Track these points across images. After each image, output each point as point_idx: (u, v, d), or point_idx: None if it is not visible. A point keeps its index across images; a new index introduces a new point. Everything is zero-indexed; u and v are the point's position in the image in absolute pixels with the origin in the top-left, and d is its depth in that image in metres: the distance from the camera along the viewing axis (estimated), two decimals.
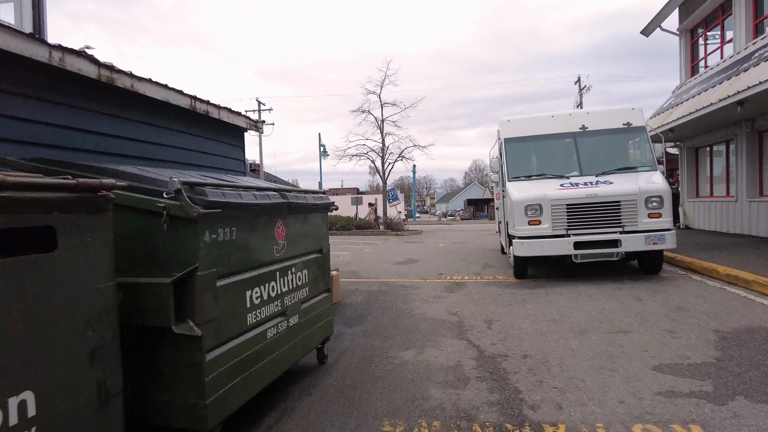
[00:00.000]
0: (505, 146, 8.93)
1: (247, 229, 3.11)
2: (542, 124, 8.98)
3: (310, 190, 4.19)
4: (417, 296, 7.29)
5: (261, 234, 3.29)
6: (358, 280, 8.95)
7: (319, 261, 4.27)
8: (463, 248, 15.11)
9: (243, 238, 3.05)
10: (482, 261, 11.36)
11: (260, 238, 3.27)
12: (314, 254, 4.18)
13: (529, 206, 7.69)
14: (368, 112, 23.99)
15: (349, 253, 14.20)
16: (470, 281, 8.50)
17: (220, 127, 6.06)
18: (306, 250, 4.01)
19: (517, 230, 7.83)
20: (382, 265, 11.21)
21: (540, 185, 8.15)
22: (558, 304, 6.33)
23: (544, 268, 9.24)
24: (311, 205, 3.97)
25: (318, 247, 4.26)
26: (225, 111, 5.93)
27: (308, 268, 4.01)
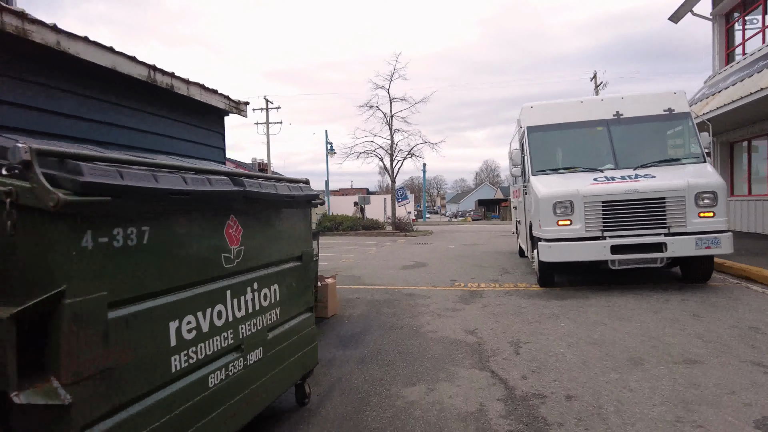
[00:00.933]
0: (528, 136, 7.84)
1: (172, 229, 2.09)
2: (570, 111, 7.88)
3: (285, 178, 3.16)
4: (426, 308, 6.24)
5: (198, 236, 2.27)
6: (360, 288, 7.92)
7: (298, 272, 3.25)
8: (476, 251, 14.01)
9: (164, 242, 2.03)
10: (499, 266, 10.26)
11: (197, 243, 2.26)
12: (290, 263, 3.15)
13: (558, 203, 6.60)
14: (376, 108, 22.99)
15: (353, 255, 13.19)
16: (488, 290, 7.43)
17: (191, 107, 5.07)
18: (277, 257, 2.98)
19: (543, 231, 6.74)
20: (388, 269, 10.16)
21: (570, 180, 7.05)
22: (596, 320, 5.24)
23: (571, 275, 8.13)
24: (284, 197, 2.94)
25: (295, 253, 3.24)
26: (196, 87, 4.93)
27: (280, 282, 2.98)
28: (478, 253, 13.40)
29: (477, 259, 11.57)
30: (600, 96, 7.94)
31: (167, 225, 2.05)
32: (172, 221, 2.09)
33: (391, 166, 23.45)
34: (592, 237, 6.52)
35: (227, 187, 2.38)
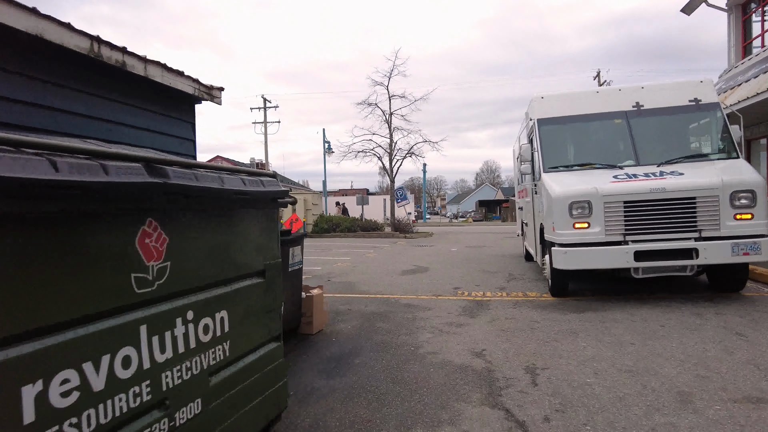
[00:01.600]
0: (539, 129, 7.10)
1: (34, 240, 1.36)
2: (584, 102, 7.14)
3: (241, 169, 2.42)
4: (427, 323, 5.50)
5: (86, 250, 1.54)
6: (353, 297, 7.18)
7: (259, 291, 2.52)
8: (480, 254, 13.28)
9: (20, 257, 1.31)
10: (505, 271, 9.52)
11: (83, 260, 1.53)
12: (247, 281, 2.42)
13: (574, 203, 5.87)
14: (375, 106, 22.25)
15: (350, 259, 12.46)
16: (495, 299, 6.69)
17: (152, 90, 4.35)
18: (226, 274, 2.26)
19: (557, 235, 6.01)
20: (386, 275, 9.43)
21: (586, 177, 6.32)
22: (624, 340, 4.51)
23: (585, 282, 7.40)
24: (235, 194, 2.21)
25: (255, 267, 2.51)
26: (156, 67, 4.20)
27: (232, 308, 2.25)
28: (482, 256, 12.66)
29: (481, 264, 10.83)
30: (617, 86, 7.21)
31: (24, 234, 1.33)
32: (33, 229, 1.36)
33: (390, 166, 22.72)
34: (612, 242, 5.79)
35: (138, 177, 1.65)
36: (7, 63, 3.04)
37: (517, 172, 12.47)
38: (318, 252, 14.71)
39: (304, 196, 22.55)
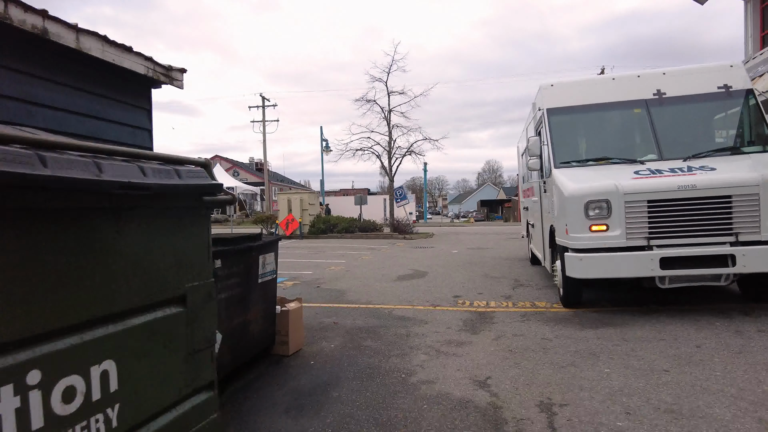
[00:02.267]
0: (549, 120, 6.37)
1: None
2: (599, 90, 6.41)
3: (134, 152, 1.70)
4: (422, 340, 4.78)
5: None
6: (341, 307, 6.46)
7: (175, 326, 1.80)
8: (482, 256, 12.54)
9: None
10: (510, 276, 8.79)
11: None
12: (151, 313, 1.70)
13: (591, 203, 5.14)
14: (374, 102, 21.51)
15: (344, 262, 11.74)
16: (499, 311, 5.96)
17: (94, 69, 3.64)
18: (107, 308, 1.53)
19: (571, 239, 5.28)
20: (381, 280, 8.70)
21: (603, 173, 5.59)
22: (655, 365, 3.78)
23: (599, 290, 6.67)
24: (118, 186, 1.49)
25: (168, 293, 1.79)
26: (94, 39, 3.49)
27: (123, 355, 1.54)
28: (484, 259, 11.92)
29: (484, 267, 10.10)
30: (636, 72, 6.47)
31: None
32: None
33: (389, 164, 21.98)
34: (634, 247, 5.06)
35: None
36: None
37: (522, 169, 11.74)
38: (311, 254, 14.00)
39: (300, 195, 21.82)
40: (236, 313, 3.76)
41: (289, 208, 21.49)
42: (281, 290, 7.78)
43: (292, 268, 10.79)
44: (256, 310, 4.11)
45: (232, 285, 3.66)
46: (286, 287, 8.12)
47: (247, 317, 3.99)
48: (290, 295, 7.27)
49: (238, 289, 3.74)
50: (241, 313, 3.84)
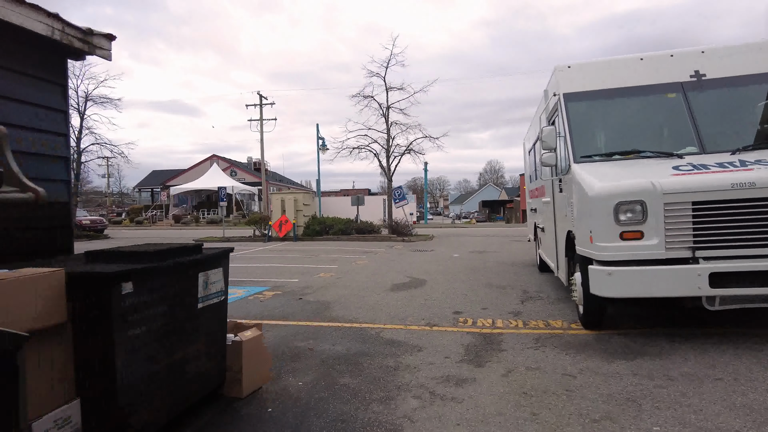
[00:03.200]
0: (566, 107, 5.42)
1: None
2: (625, 72, 5.47)
3: None
4: (414, 377, 3.83)
5: None
6: (322, 327, 5.51)
7: None
8: (485, 261, 11.59)
9: None
10: (517, 286, 7.84)
11: None
12: None
13: (623, 204, 4.19)
14: (371, 98, 20.54)
15: (336, 268, 10.79)
16: (508, 333, 5.01)
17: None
18: None
19: (597, 249, 4.32)
20: (373, 291, 7.75)
21: (635, 169, 4.65)
22: (721, 422, 2.83)
23: (623, 305, 5.71)
24: None
25: None
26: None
27: None
28: (488, 264, 10.96)
29: (488, 275, 9.14)
30: (668, 51, 5.52)
31: None
32: None
33: (388, 163, 21.00)
34: (675, 259, 4.11)
35: None
36: None
37: (528, 168, 10.79)
38: (302, 258, 13.06)
39: (295, 195, 20.85)
40: (165, 350, 2.83)
41: (282, 208, 20.55)
42: (259, 303, 6.86)
43: (278, 274, 9.85)
44: (197, 343, 3.17)
45: (154, 315, 2.72)
46: (265, 299, 7.18)
47: (185, 353, 3.05)
48: (266, 309, 6.34)
49: (163, 320, 2.80)
50: (172, 349, 2.91)
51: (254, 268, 11.02)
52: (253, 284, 8.63)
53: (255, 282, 8.88)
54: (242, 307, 6.58)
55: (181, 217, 43.29)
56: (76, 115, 23.80)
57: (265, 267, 11.29)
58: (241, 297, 7.39)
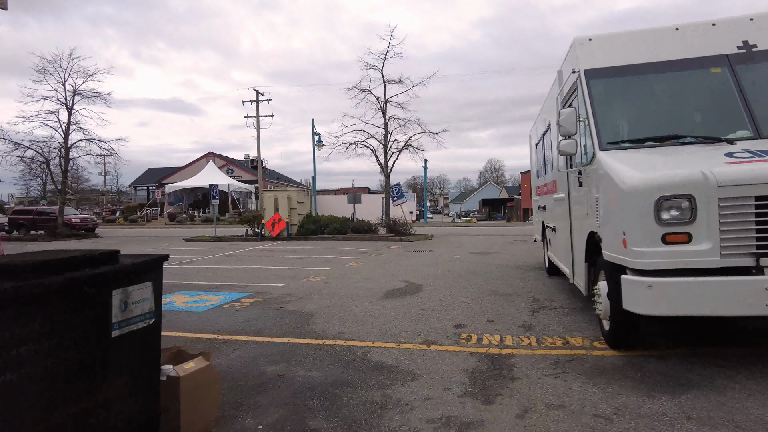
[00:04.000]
0: (588, 85, 4.59)
1: None
2: (658, 44, 4.65)
3: None
4: (404, 420, 3.00)
5: None
6: (299, 344, 4.69)
7: None
8: (487, 264, 10.76)
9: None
10: (525, 292, 7.02)
11: None
12: None
13: (666, 200, 3.37)
14: (368, 92, 19.68)
15: (327, 270, 9.98)
16: (520, 354, 4.19)
17: None
18: None
19: (633, 254, 3.50)
20: (364, 298, 6.93)
21: (678, 157, 3.84)
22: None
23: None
24: None
25: None
26: None
27: None
28: (491, 267, 10.14)
29: (492, 279, 8.32)
30: (710, 20, 4.70)
31: None
32: None
33: (385, 160, 20.13)
34: (733, 268, 3.29)
35: None
36: None
37: (535, 162, 9.97)
38: (293, 260, 12.24)
39: (288, 193, 19.99)
40: (58, 401, 2.02)
41: (275, 207, 19.71)
42: (233, 312, 6.04)
43: (263, 278, 9.03)
44: (114, 382, 2.36)
45: (34, 355, 1.91)
46: (242, 307, 6.37)
47: (94, 400, 2.24)
48: (238, 322, 5.49)
49: (53, 360, 1.98)
50: (71, 398, 2.10)
51: (239, 271, 10.21)
52: (233, 290, 7.81)
53: (236, 287, 8.07)
54: (213, 319, 5.76)
55: (176, 216, 42.47)
56: (64, 110, 22.94)
57: (252, 269, 10.47)
58: (215, 305, 6.57)
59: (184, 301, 6.90)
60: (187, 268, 11.04)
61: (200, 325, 5.50)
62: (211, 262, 12.10)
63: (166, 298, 7.15)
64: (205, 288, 8.07)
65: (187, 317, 5.90)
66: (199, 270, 10.53)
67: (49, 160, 23.08)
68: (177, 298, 7.14)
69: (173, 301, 6.92)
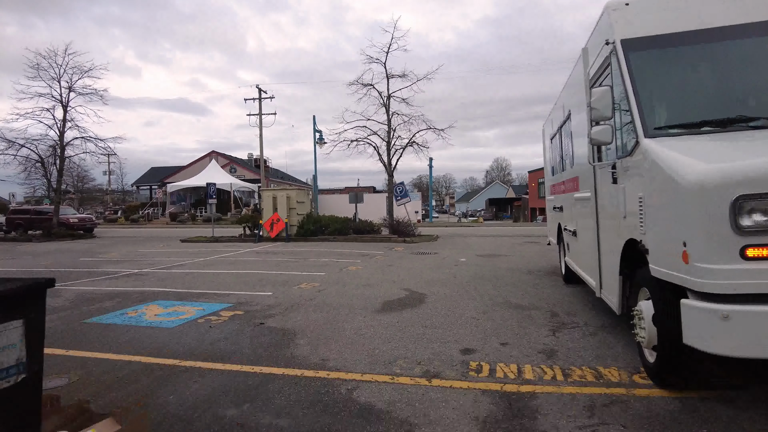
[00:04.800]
0: (627, 58, 3.73)
1: None
2: (710, 8, 3.78)
3: None
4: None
5: None
6: (271, 375, 3.87)
7: None
8: (496, 268, 9.91)
9: None
10: (543, 305, 6.17)
11: None
12: None
13: (747, 200, 2.52)
14: (371, 86, 18.84)
15: (323, 276, 9.17)
16: (544, 393, 3.34)
17: None
18: None
19: (699, 273, 2.64)
20: (357, 312, 6.11)
21: (753, 145, 2.98)
22: None
23: None
24: None
25: None
26: None
27: None
28: (500, 272, 9.29)
29: (503, 288, 7.47)
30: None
31: None
32: None
33: (388, 157, 19.29)
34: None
35: None
36: None
37: (551, 158, 9.11)
38: (288, 263, 11.44)
39: (287, 192, 19.20)
40: None
41: (274, 206, 18.93)
42: (206, 329, 5.25)
43: (251, 285, 8.24)
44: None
45: None
46: (218, 322, 5.57)
47: None
48: (207, 341, 4.51)
49: None
50: None
51: (229, 276, 9.42)
52: (215, 299, 7.02)
53: (219, 296, 7.28)
54: (181, 338, 4.96)
55: (178, 215, 41.89)
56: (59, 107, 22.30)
57: (242, 274, 9.68)
58: (189, 319, 5.78)
59: (156, 314, 6.11)
60: (175, 272, 10.28)
61: (164, 345, 4.71)
62: (202, 266, 11.33)
63: (137, 310, 6.37)
64: (186, 297, 7.28)
65: (152, 335, 5.10)
66: (186, 275, 9.77)
67: (43, 158, 22.41)
68: (149, 310, 6.36)
69: (143, 314, 6.13)
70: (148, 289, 8.10)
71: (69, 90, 22.35)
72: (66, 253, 15.56)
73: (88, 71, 22.35)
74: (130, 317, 5.99)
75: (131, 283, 8.81)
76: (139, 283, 8.82)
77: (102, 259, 13.51)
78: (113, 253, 15.38)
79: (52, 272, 10.58)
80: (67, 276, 9.96)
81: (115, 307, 6.66)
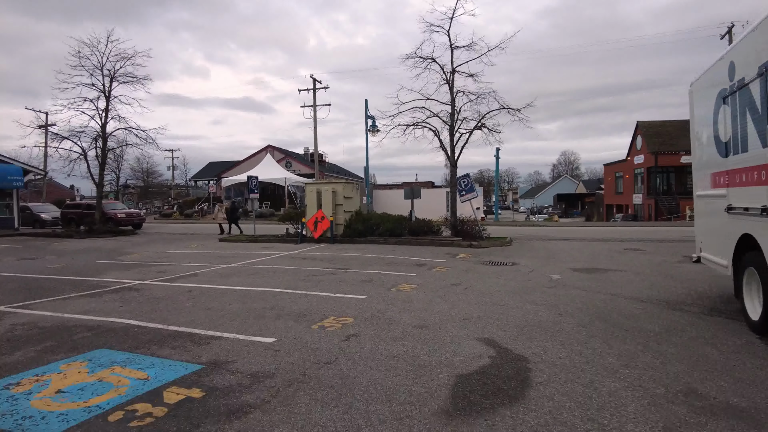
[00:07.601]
0: None
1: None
2: None
3: None
4: None
5: None
6: None
7: None
8: (615, 296, 6.68)
9: None
10: (740, 399, 3.01)
11: None
12: None
13: None
14: (431, 60, 15.77)
15: (363, 300, 6.42)
16: None
17: None
18: None
19: None
20: (400, 409, 3.25)
21: None
22: None
23: None
24: None
25: None
26: None
27: None
28: (625, 305, 6.08)
29: (648, 340, 4.32)
30: None
31: None
32: None
33: (451, 144, 16.11)
34: None
35: None
36: None
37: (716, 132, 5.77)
38: (321, 277, 8.78)
39: (333, 185, 16.62)
40: None
41: (318, 202, 16.45)
42: None
43: (254, 318, 5.63)
44: None
45: None
46: (144, 424, 2.93)
47: None
48: None
49: None
50: None
51: (234, 298, 6.89)
52: (182, 351, 4.46)
53: (193, 342, 4.72)
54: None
55: None
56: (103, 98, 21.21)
57: (253, 295, 7.14)
58: (100, 410, 3.20)
59: (59, 389, 3.59)
60: (177, 286, 7.94)
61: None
62: (215, 277, 8.95)
63: (45, 374, 3.90)
64: (146, 343, 4.78)
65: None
66: (186, 293, 7.37)
67: (86, 151, 21.39)
68: (61, 378, 3.86)
69: (44, 387, 3.63)
70: (114, 321, 5.72)
71: (111, 79, 21.13)
72: (91, 253, 13.92)
73: (131, 58, 21.03)
74: (12, 395, 3.50)
75: (107, 306, 6.51)
76: (115, 306, 6.50)
77: (117, 263, 11.59)
78: (137, 254, 13.53)
79: (38, 280, 8.64)
80: (46, 289, 7.89)
81: (27, 361, 4.26)
